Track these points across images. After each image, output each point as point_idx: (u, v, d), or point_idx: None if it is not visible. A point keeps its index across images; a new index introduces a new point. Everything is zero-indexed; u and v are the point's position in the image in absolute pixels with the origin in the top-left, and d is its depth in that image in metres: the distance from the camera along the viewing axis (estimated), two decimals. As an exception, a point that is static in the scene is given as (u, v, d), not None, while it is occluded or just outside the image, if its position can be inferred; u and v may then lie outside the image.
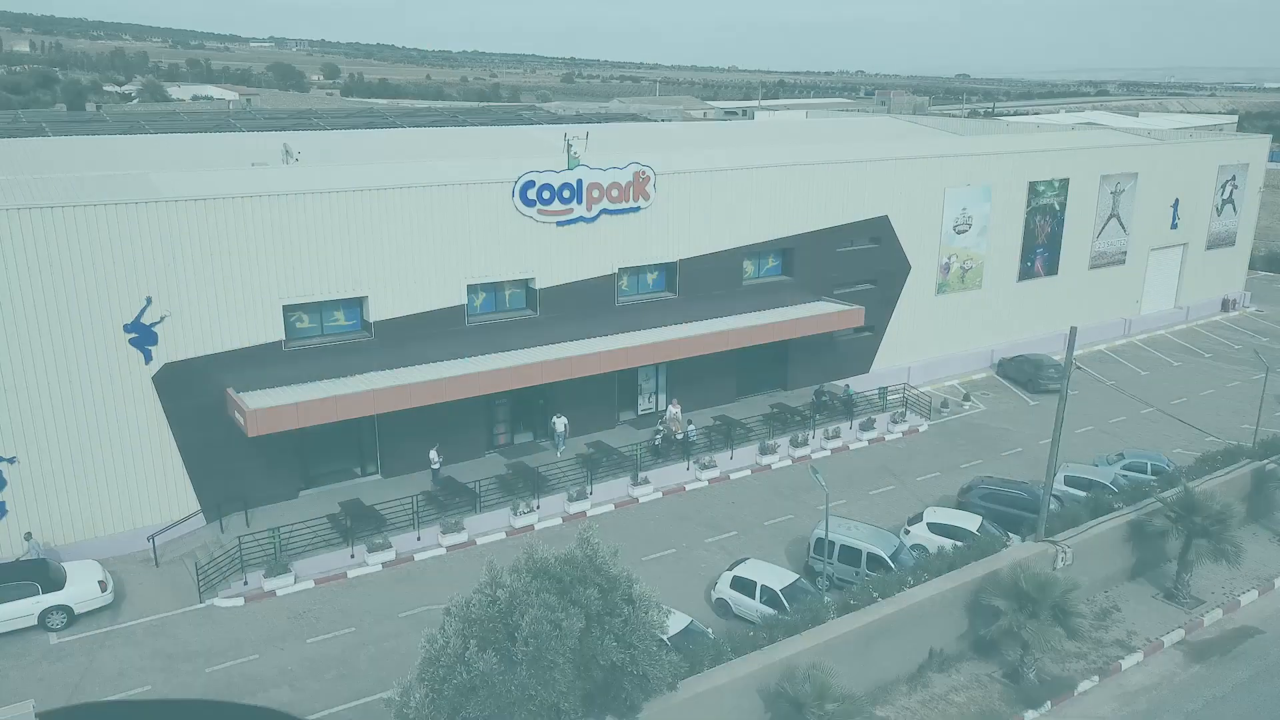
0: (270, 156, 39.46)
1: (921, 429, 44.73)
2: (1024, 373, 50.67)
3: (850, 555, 30.38)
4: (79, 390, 30.26)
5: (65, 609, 27.73)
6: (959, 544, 30.80)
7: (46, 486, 30.41)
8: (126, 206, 29.82)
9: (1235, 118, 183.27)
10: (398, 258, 34.64)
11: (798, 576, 29.24)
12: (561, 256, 38.22)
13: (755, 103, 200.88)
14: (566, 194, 37.66)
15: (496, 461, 38.06)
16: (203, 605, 29.28)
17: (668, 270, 41.67)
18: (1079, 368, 52.83)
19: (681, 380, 42.94)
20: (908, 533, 32.84)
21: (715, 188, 41.41)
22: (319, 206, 32.80)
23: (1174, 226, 61.37)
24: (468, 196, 35.63)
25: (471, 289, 36.77)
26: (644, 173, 39.18)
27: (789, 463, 40.62)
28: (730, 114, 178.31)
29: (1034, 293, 54.95)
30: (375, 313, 34.65)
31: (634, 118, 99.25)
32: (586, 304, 39.22)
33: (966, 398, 48.20)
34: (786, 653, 23.84)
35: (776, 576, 28.94)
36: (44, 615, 27.55)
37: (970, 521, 32.58)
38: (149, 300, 30.69)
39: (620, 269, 39.96)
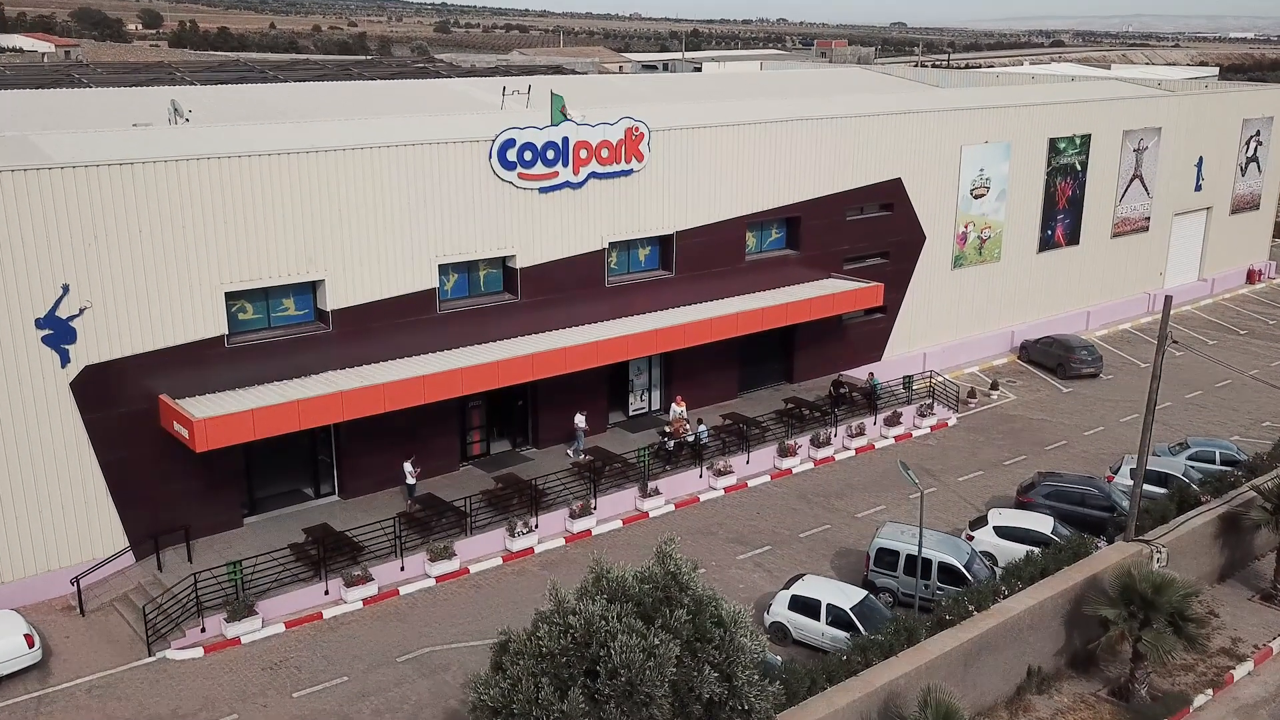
0: (151, 115, 38.04)
1: (950, 423, 45.80)
2: (1053, 356, 52.29)
3: (918, 566, 30.92)
4: (-21, 401, 28.90)
5: (-15, 672, 26.49)
6: (1035, 549, 31.71)
7: (-62, 522, 28.98)
8: (37, 172, 28.55)
9: (1214, 70, 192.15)
10: (359, 233, 33.96)
11: (866, 593, 29.66)
12: (544, 229, 37.99)
13: (678, 55, 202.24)
14: (550, 155, 37.46)
15: (476, 475, 37.61)
16: (153, 659, 28.26)
17: (662, 244, 41.80)
18: (1110, 349, 54.72)
19: (677, 374, 43.10)
20: (971, 538, 33.62)
21: (715, 147, 41.68)
22: (267, 171, 31.92)
23: (1198, 188, 64.14)
24: (439, 158, 35.14)
25: (443, 269, 36.28)
26: (637, 129, 39.22)
27: (810, 465, 41.16)
28: (650, 68, 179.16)
29: (1055, 265, 56.76)
30: (333, 299, 33.89)
31: (559, 70, 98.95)
32: (573, 285, 39.09)
33: (995, 386, 49.53)
34: (886, 677, 24.19)
35: (843, 594, 29.31)
36: (-43, 680, 26.30)
37: (1042, 523, 33.53)
38: (65, 289, 29.43)
39: (610, 244, 39.92)
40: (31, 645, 27.29)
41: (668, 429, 39.78)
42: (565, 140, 37.67)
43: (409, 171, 34.59)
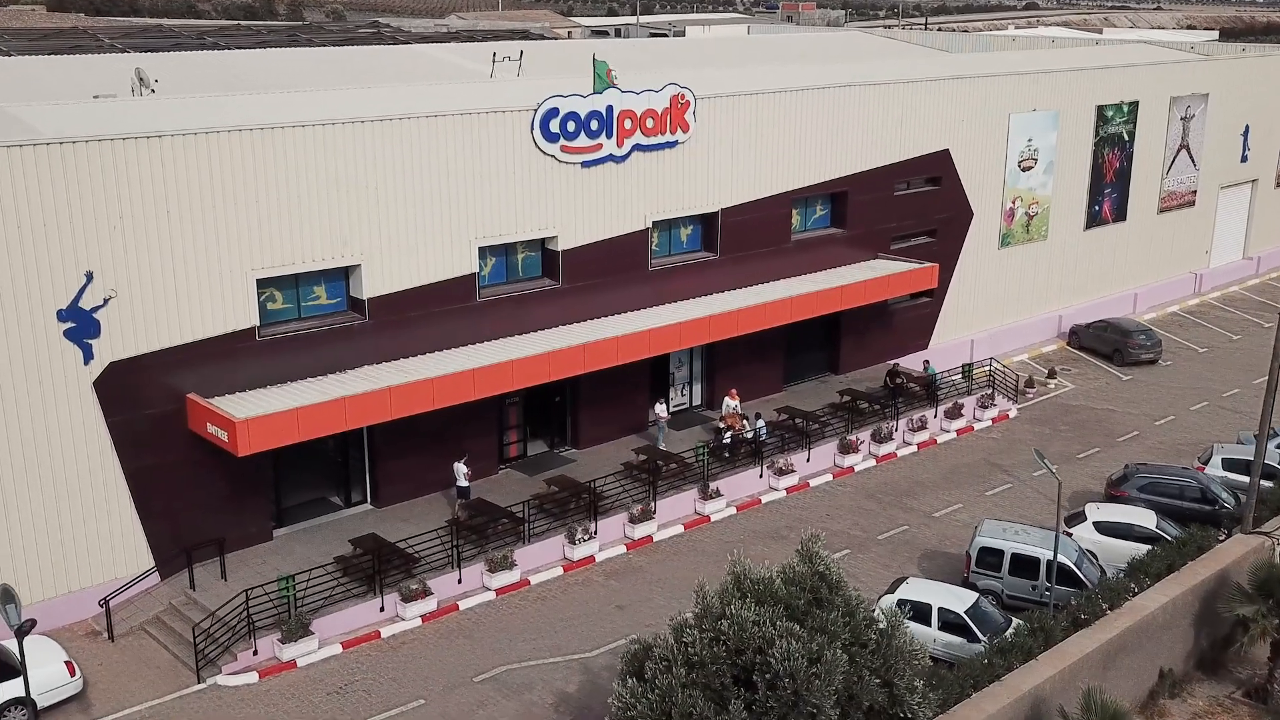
0: (105, 86, 37.71)
1: (1011, 414, 46.87)
2: (1108, 342, 53.64)
3: (1025, 566, 31.82)
4: (-6, 404, 28.69)
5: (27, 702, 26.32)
6: (1141, 546, 32.80)
7: (-51, 540, 28.72)
8: (60, 146, 28.40)
9: (1213, 34, 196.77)
10: (396, 213, 34.13)
11: (978, 595, 30.45)
12: (587, 207, 38.39)
13: (632, 20, 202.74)
14: (594, 125, 37.85)
15: (517, 478, 37.91)
16: (203, 685, 28.29)
17: (705, 223, 42.38)
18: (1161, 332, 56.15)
19: (720, 365, 43.69)
20: (1069, 535, 34.55)
21: (762, 116, 42.31)
22: (304, 144, 32.01)
23: (1244, 159, 66.06)
24: (480, 129, 35.39)
25: (481, 253, 36.52)
26: (683, 96, 39.73)
27: (872, 463, 41.97)
28: (600, 33, 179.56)
29: (1102, 243, 58.20)
30: (369, 286, 34.03)
31: (526, 35, 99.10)
32: (615, 269, 39.53)
33: (1052, 375, 50.73)
34: (1031, 682, 24.94)
35: (954, 597, 30.07)
36: (-4, 714, 26.23)
37: (1144, 518, 34.59)
38: (89, 276, 29.33)
39: (654, 222, 40.39)
40: (73, 674, 27.24)
41: (721, 424, 40.33)
42: (609, 109, 38.08)
43: (449, 144, 34.81)
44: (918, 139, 48.05)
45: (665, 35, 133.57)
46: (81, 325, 29.43)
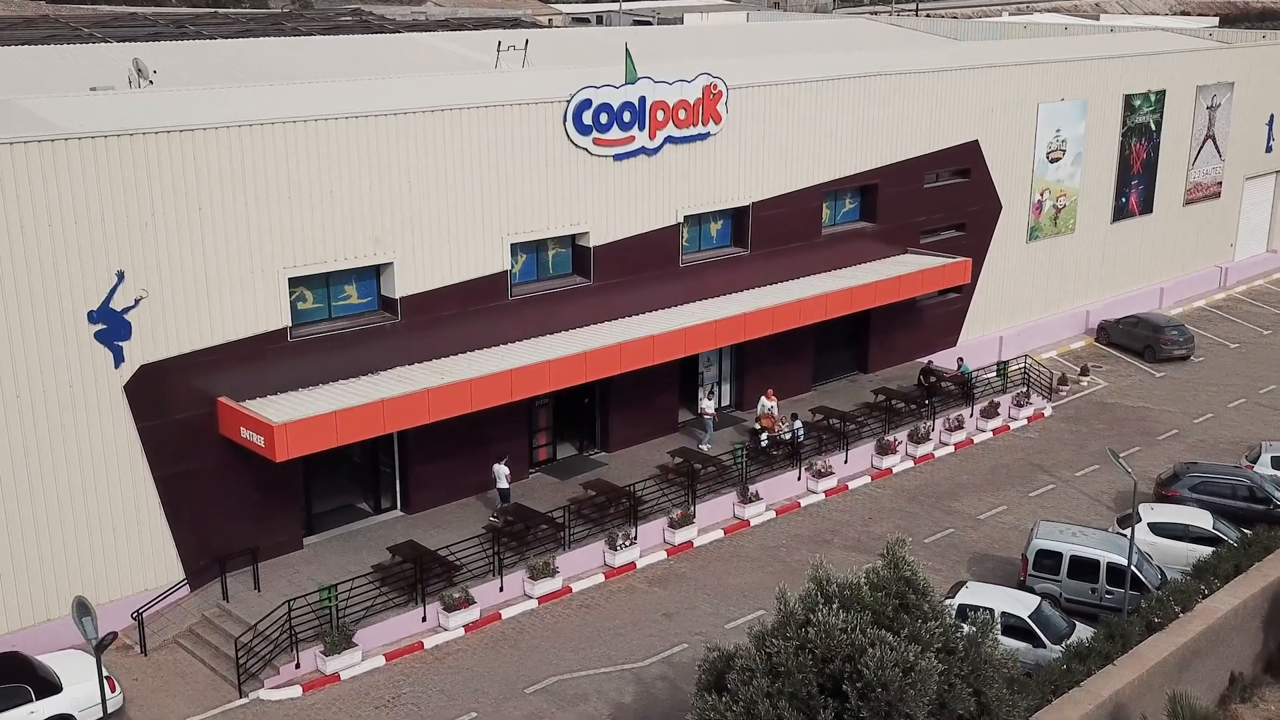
0: (90, 77, 37.61)
1: (1046, 413, 47.17)
2: (1138, 338, 54.02)
3: (1084, 568, 32.07)
4: (21, 410, 28.43)
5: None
6: (1197, 547, 33.13)
7: (-25, 552, 28.55)
8: (92, 140, 28.27)
9: (1212, 20, 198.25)
10: (429, 209, 34.13)
11: (1040, 599, 30.66)
12: (619, 202, 38.46)
13: (615, 7, 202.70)
14: (627, 117, 37.91)
15: (547, 482, 37.96)
16: (246, 700, 28.23)
17: (735, 218, 42.51)
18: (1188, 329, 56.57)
19: (749, 365, 43.82)
20: (1122, 536, 34.82)
21: (793, 106, 42.44)
22: (337, 136, 31.97)
23: (1268, 149, 66.65)
24: (514, 122, 35.40)
25: (513, 250, 36.52)
26: (715, 86, 39.82)
27: (910, 464, 42.17)
28: (581, 21, 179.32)
29: (1128, 237, 58.61)
30: (401, 285, 34.00)
31: (516, 23, 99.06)
32: (645, 265, 39.61)
33: (1085, 372, 51.07)
34: (1111, 687, 25.14)
35: (1016, 601, 30.26)
36: (41, 732, 26.10)
37: (1200, 518, 34.90)
38: (120, 275, 29.21)
39: (685, 217, 40.47)
40: (113, 689, 27.09)
41: (758, 426, 40.45)
42: (642, 100, 38.15)
43: (483, 136, 34.82)
44: (948, 129, 48.29)
45: (649, 23, 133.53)
46: (112, 327, 29.31)
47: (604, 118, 37.35)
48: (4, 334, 27.85)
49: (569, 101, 36.45)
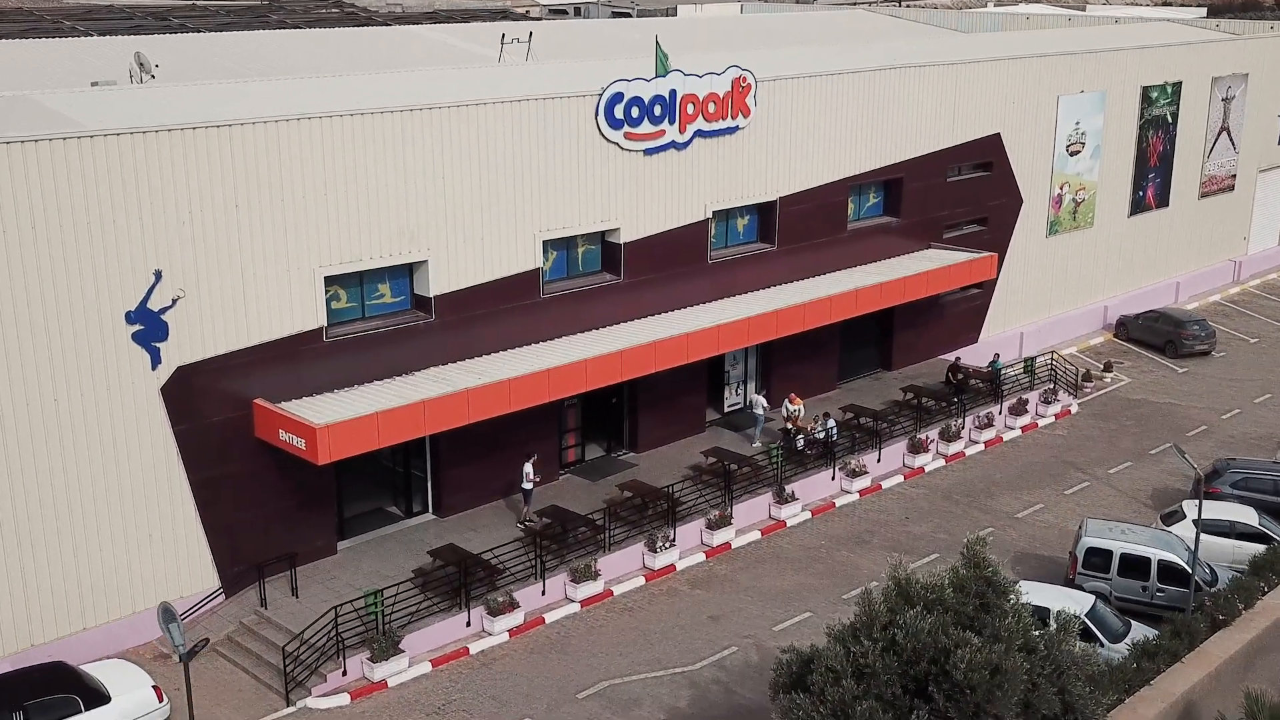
0: (103, 71, 37.51)
1: (1073, 410, 47.71)
2: (1159, 333, 54.66)
3: (1134, 566, 32.51)
4: (59, 414, 28.39)
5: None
6: (1243, 543, 33.68)
7: (7, 560, 28.42)
8: (130, 136, 28.25)
9: (1200, 10, 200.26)
10: (463, 205, 34.24)
11: (1095, 598, 31.06)
12: (649, 198, 38.68)
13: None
14: (658, 111, 38.11)
15: (578, 484, 38.15)
16: (293, 709, 28.31)
17: (762, 213, 42.79)
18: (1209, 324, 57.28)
19: (776, 363, 44.13)
20: (1168, 533, 35.33)
21: (820, 99, 42.77)
22: (374, 131, 32.03)
23: (1280, 141, 67.61)
24: (547, 116, 35.54)
25: (545, 246, 36.68)
26: (745, 79, 40.06)
27: (941, 463, 42.57)
28: (559, 12, 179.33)
29: (1145, 230, 59.28)
30: (435, 283, 34.10)
31: (505, 14, 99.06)
32: (676, 261, 39.86)
33: (1108, 368, 51.63)
34: (1182, 686, 25.53)
35: (1071, 600, 30.53)
36: (89, 744, 26.11)
37: (1246, 515, 35.41)
38: (158, 275, 29.20)
39: (714, 212, 40.73)
40: (161, 699, 27.19)
41: (789, 426, 40.74)
42: (673, 93, 38.35)
43: (517, 131, 34.96)
44: (970, 122, 48.75)
45: (629, 14, 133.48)
46: (150, 328, 29.30)
47: (635, 111, 37.53)
48: (42, 336, 27.83)
49: (601, 95, 36.64)
